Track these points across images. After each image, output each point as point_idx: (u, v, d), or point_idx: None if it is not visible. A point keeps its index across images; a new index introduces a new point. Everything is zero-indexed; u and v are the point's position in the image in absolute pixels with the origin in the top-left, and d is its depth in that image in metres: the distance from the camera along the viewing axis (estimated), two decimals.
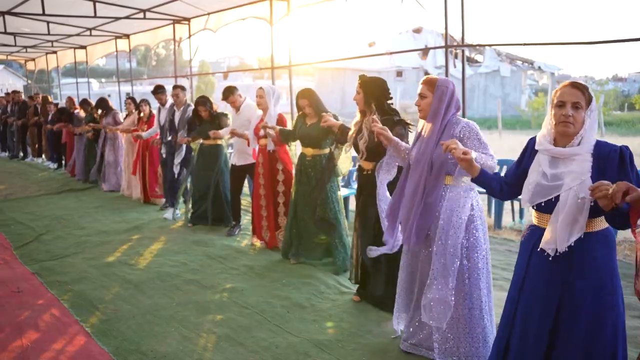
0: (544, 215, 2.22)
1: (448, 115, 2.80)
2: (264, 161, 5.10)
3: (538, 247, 2.20)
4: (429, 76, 2.90)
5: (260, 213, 5.16)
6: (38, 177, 10.15)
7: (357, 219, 3.81)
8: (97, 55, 13.93)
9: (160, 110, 6.85)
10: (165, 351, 3.20)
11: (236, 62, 69.10)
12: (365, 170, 3.67)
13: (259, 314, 3.70)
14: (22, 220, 6.61)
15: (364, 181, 3.67)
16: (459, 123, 2.78)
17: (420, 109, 2.88)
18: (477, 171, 2.41)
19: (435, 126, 2.81)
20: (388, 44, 30.44)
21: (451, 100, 2.81)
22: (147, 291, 4.18)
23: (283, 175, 5.02)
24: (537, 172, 2.21)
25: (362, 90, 3.52)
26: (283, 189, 5.03)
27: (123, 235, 5.81)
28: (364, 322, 3.52)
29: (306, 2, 7.49)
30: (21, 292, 4.22)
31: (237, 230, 5.82)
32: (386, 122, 3.28)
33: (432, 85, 2.82)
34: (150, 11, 9.11)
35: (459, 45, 5.90)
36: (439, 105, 2.79)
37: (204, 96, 6.08)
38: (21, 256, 5.17)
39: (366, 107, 3.52)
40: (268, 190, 5.09)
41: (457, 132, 2.74)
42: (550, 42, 8.56)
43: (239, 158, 5.66)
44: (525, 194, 2.26)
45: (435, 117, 2.80)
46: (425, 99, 2.84)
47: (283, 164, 5.00)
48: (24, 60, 18.17)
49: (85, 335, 3.43)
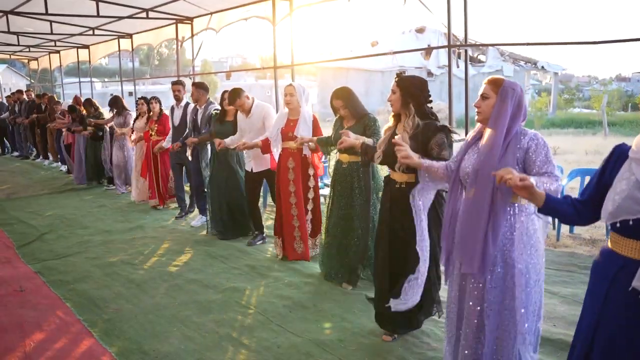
0: (627, 240, 1.80)
1: (515, 124, 2.40)
2: (295, 166, 4.69)
3: (622, 281, 1.80)
4: (495, 76, 2.53)
5: (292, 223, 4.73)
6: (41, 176, 10.17)
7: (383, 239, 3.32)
8: (99, 55, 13.95)
9: (174, 110, 6.46)
10: (167, 351, 3.20)
11: (239, 61, 69.21)
12: (398, 183, 3.20)
13: (261, 314, 3.69)
14: (25, 219, 6.62)
15: (397, 196, 3.18)
16: (527, 134, 2.39)
17: (479, 111, 2.49)
18: (541, 199, 2.04)
19: (497, 134, 2.39)
20: (391, 43, 30.36)
21: (519, 106, 2.41)
22: (149, 291, 4.18)
23: (314, 180, 4.73)
24: (628, 180, 1.78)
25: (399, 89, 3.12)
26: (313, 195, 4.74)
27: (126, 235, 5.82)
28: (366, 322, 3.51)
29: (309, 2, 7.48)
30: (24, 291, 4.23)
31: (259, 241, 5.43)
32: (427, 128, 2.99)
33: (497, 85, 2.45)
34: (152, 10, 9.11)
35: (462, 45, 5.89)
36: (503, 109, 2.40)
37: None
38: (24, 255, 5.18)
39: (402, 110, 3.12)
40: (300, 198, 4.70)
41: (524, 144, 2.36)
42: (553, 42, 8.54)
43: (256, 164, 5.22)
44: (608, 206, 1.83)
45: (498, 122, 2.40)
46: (487, 101, 2.45)
47: (314, 169, 4.73)
48: (27, 59, 18.21)
49: (88, 335, 3.43)
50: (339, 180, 4.14)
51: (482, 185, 2.38)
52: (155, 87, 39.47)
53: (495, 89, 2.44)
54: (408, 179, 3.12)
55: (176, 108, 6.43)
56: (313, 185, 4.73)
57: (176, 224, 6.27)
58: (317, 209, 4.83)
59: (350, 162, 4.05)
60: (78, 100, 9.68)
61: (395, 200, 3.19)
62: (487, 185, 2.35)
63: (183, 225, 6.22)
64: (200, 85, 6.05)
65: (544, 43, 6.37)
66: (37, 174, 10.45)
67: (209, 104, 5.99)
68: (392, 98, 3.15)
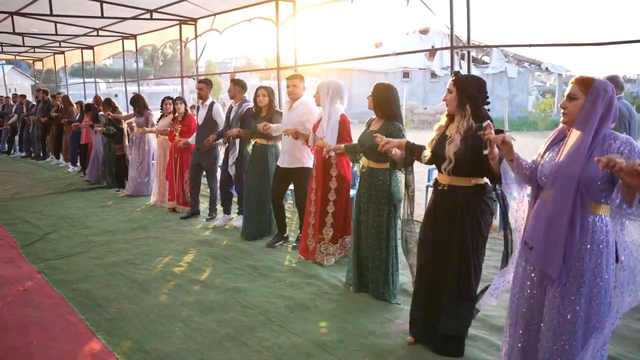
0: None
1: (603, 126, 2.24)
2: (317, 164, 4.67)
3: None
4: (583, 75, 2.35)
5: (308, 220, 4.75)
6: (45, 177, 10.21)
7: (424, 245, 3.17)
8: (104, 56, 14.03)
9: (199, 108, 6.42)
10: (168, 350, 3.21)
11: (242, 62, 69.26)
12: (441, 185, 3.06)
13: (263, 314, 3.70)
14: (29, 219, 6.65)
15: (440, 199, 3.07)
16: (618, 137, 2.24)
17: (565, 112, 2.34)
18: None
19: (585, 137, 2.24)
20: (395, 44, 30.41)
21: (609, 108, 2.25)
22: (151, 290, 4.19)
23: (336, 182, 4.56)
24: None
25: (456, 88, 2.95)
26: (334, 197, 4.57)
27: (128, 235, 5.84)
28: (367, 323, 3.52)
29: (312, 3, 7.50)
30: (27, 290, 4.25)
31: (281, 242, 5.33)
32: (478, 130, 2.81)
33: (586, 85, 2.29)
34: (157, 12, 9.16)
35: (465, 46, 5.88)
36: (593, 111, 2.24)
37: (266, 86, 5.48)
38: (27, 255, 5.20)
39: (458, 110, 2.96)
40: (319, 196, 4.62)
41: (615, 148, 2.20)
42: (557, 43, 8.53)
43: (287, 160, 5.08)
44: None
45: (586, 124, 2.24)
46: (575, 101, 2.30)
47: (338, 171, 4.56)
48: (32, 60, 18.32)
49: (91, 334, 3.44)
50: (360, 183, 4.02)
51: (562, 187, 2.26)
52: (159, 87, 39.57)
53: (584, 89, 2.29)
54: (452, 181, 2.99)
55: (201, 107, 6.41)
56: (335, 187, 4.57)
57: (179, 224, 6.29)
58: (339, 214, 4.63)
59: (369, 168, 3.90)
60: (98, 99, 9.58)
61: (439, 203, 3.08)
62: (568, 187, 2.23)
63: (185, 225, 6.23)
64: (238, 82, 5.98)
65: (548, 44, 6.37)
66: (41, 174, 10.49)
67: (244, 101, 5.92)
68: (448, 98, 3.00)
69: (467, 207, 2.95)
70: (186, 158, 6.80)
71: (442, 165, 2.98)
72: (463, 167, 2.92)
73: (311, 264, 4.70)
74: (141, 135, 7.86)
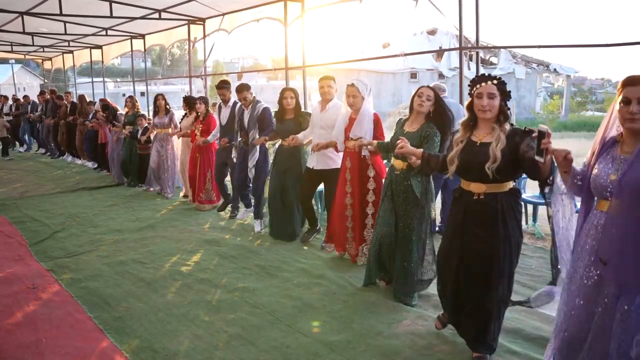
0: None
1: None
2: (352, 166, 4.56)
3: None
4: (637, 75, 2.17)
5: (346, 225, 4.66)
6: (53, 175, 10.27)
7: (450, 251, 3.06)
8: (112, 55, 14.11)
9: (222, 108, 6.46)
10: (176, 349, 3.22)
11: (250, 62, 69.48)
12: (476, 194, 2.89)
13: (270, 314, 3.71)
14: (38, 217, 6.70)
15: (475, 207, 2.90)
16: None
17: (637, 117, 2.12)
18: None
19: None
20: (402, 45, 30.33)
21: None
22: (159, 289, 4.21)
23: (374, 183, 4.47)
24: None
25: (500, 93, 2.83)
26: (373, 198, 4.47)
27: (136, 234, 5.86)
28: (375, 323, 3.51)
29: (320, 3, 7.51)
30: (36, 288, 4.28)
31: (314, 235, 5.41)
32: (513, 132, 2.78)
33: None
34: (165, 11, 9.20)
35: (474, 47, 5.87)
36: None
37: (292, 88, 5.47)
38: (36, 253, 5.24)
39: (498, 117, 2.85)
40: (356, 199, 4.55)
41: None
42: (566, 45, 8.49)
43: (318, 161, 5.04)
44: None
45: None
46: None
47: (375, 171, 4.49)
48: (41, 59, 18.44)
49: (99, 332, 3.47)
50: (389, 186, 3.92)
51: (633, 198, 2.09)
52: (167, 87, 39.72)
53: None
54: (487, 189, 2.84)
55: (223, 107, 6.49)
56: (373, 187, 4.47)
57: (187, 223, 6.31)
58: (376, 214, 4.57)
59: (403, 169, 3.78)
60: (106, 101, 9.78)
61: (471, 212, 2.90)
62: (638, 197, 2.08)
63: (193, 225, 6.25)
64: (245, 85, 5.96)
65: (557, 45, 6.34)
66: (49, 173, 10.55)
67: (257, 102, 5.89)
68: (491, 104, 2.81)
69: (508, 212, 2.85)
70: (206, 157, 6.95)
71: (487, 165, 2.75)
72: (509, 167, 2.77)
73: (318, 264, 4.71)
74: (165, 134, 7.84)
